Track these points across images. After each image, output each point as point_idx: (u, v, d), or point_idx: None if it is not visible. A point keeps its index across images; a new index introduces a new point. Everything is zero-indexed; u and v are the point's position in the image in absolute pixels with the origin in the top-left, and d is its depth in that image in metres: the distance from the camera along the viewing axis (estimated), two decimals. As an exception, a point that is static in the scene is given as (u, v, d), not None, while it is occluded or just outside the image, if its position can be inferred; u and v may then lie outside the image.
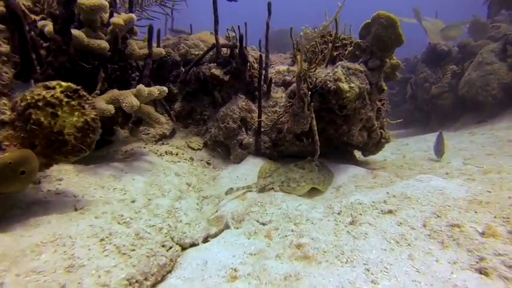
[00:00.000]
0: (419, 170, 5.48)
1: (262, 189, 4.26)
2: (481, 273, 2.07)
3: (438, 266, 2.20)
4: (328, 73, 4.73)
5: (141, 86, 3.74)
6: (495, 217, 2.64)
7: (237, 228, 3.37)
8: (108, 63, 4.22)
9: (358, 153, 6.75)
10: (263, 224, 3.32)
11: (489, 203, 2.91)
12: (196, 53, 6.39)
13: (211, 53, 5.84)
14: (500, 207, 2.79)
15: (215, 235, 3.29)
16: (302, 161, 5.29)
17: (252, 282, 2.27)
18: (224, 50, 5.83)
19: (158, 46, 6.02)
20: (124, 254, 2.46)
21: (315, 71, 4.69)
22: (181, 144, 5.74)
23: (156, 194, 3.62)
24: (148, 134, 5.85)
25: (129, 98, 3.73)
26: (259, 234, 3.10)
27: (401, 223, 2.81)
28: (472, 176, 4.29)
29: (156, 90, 3.93)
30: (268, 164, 5.34)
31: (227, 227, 3.39)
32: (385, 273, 2.17)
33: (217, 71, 5.46)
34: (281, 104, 5.59)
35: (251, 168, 5.26)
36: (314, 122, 4.47)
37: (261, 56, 5.08)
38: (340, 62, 4.93)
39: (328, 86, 4.68)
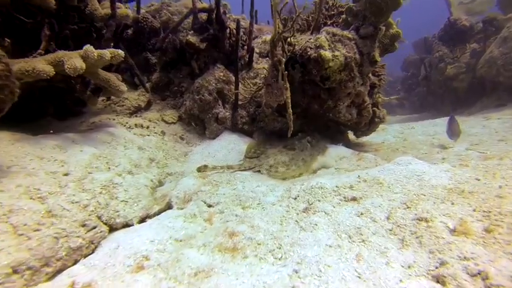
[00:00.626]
0: (414, 154, 4.89)
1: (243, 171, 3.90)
2: (437, 281, 1.60)
3: (387, 270, 1.73)
4: (310, 39, 4.14)
5: (88, 47, 3.30)
6: (474, 210, 2.12)
7: (181, 208, 2.98)
8: (61, 21, 3.78)
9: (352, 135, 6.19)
10: (209, 206, 2.91)
11: (473, 192, 2.37)
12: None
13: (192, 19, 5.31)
14: (484, 198, 2.25)
15: (154, 215, 2.91)
16: (292, 139, 4.82)
17: (157, 275, 1.88)
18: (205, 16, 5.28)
19: (138, 11, 5.53)
20: (21, 234, 2.10)
21: (292, 35, 4.10)
22: (155, 117, 5.34)
23: (100, 168, 3.25)
24: (123, 105, 5.48)
25: (73, 60, 3.31)
26: (199, 218, 2.70)
27: (362, 213, 2.33)
28: (467, 162, 3.69)
29: (108, 53, 3.48)
30: (255, 144, 4.89)
31: (169, 206, 3.01)
32: (315, 277, 1.72)
33: (193, 38, 4.94)
34: (262, 76, 5.05)
35: (224, 145, 4.83)
36: (288, 94, 3.93)
37: (238, 20, 4.51)
38: (325, 27, 4.30)
39: (308, 53, 4.10)
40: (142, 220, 2.86)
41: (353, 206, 2.45)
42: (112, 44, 4.21)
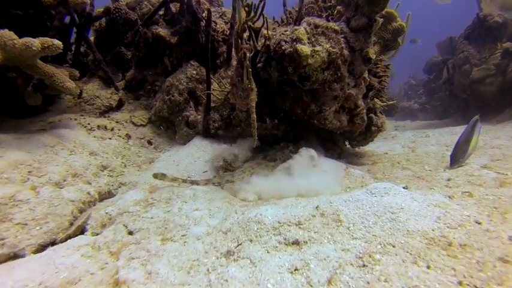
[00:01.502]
0: (415, 170, 4.08)
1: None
2: None
3: None
4: (286, 31, 3.46)
5: (5, 32, 2.80)
6: (460, 284, 1.39)
7: (95, 234, 2.42)
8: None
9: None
10: (129, 233, 2.33)
11: (465, 247, 1.63)
12: (162, 12, 5.33)
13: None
14: (480, 259, 1.51)
15: (61, 241, 2.37)
16: (273, 149, 4.21)
17: None
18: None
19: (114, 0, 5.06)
20: None
21: (263, 26, 3.44)
22: (124, 118, 4.84)
23: (12, 179, 2.74)
24: (93, 104, 5.04)
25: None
26: (104, 251, 2.12)
27: (297, 269, 1.66)
28: (475, 188, 2.88)
29: (39, 42, 2.97)
30: (228, 153, 4.27)
31: (82, 231, 2.45)
32: None
33: (163, 31, 4.40)
34: (241, 75, 4.40)
35: (192, 152, 4.24)
36: (254, 96, 3.28)
37: (208, 10, 3.89)
38: (306, 18, 3.60)
39: (283, 48, 3.42)
40: (44, 247, 2.32)
41: (291, 253, 1.78)
42: (55, 36, 3.71)
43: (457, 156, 3.85)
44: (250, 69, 3.18)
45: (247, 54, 3.20)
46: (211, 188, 3.28)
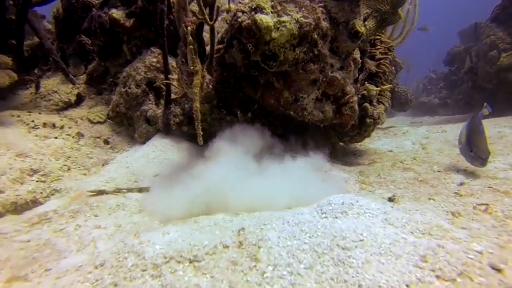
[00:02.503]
0: (419, 171, 3.22)
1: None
2: None
3: None
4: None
5: None
6: None
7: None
8: None
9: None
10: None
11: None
12: (131, -4, 4.72)
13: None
14: None
15: None
16: None
17: None
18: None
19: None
20: None
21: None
22: (80, 115, 4.27)
23: None
24: (50, 100, 4.50)
25: None
26: None
27: None
28: (499, 199, 2.03)
29: None
30: (188, 153, 3.63)
31: None
32: None
33: (118, 14, 3.77)
34: (208, 60, 3.70)
35: (148, 152, 3.60)
36: (198, 79, 2.57)
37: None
38: (272, -18, 2.85)
39: (239, 20, 2.70)
40: None
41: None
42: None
43: (482, 151, 2.80)
44: (194, 47, 2.47)
45: (189, 28, 2.49)
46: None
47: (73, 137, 3.84)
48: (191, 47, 2.46)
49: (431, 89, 16.39)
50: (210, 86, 2.94)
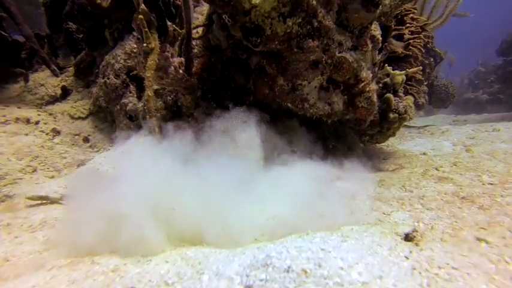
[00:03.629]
0: (461, 183, 2.39)
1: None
2: None
3: None
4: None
5: None
6: None
7: None
8: None
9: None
10: None
11: None
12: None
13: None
14: None
15: None
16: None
17: None
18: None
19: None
20: None
21: None
22: (62, 109, 3.88)
23: None
24: (35, 94, 4.18)
25: None
26: None
27: None
28: None
29: None
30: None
31: None
32: None
33: (95, -9, 3.29)
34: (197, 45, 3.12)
35: (124, 152, 3.07)
36: (153, 59, 1.97)
37: None
38: None
39: (209, -20, 2.05)
40: None
41: None
42: None
43: None
44: (147, 18, 1.88)
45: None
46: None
47: (47, 134, 3.42)
48: (141, 17, 1.86)
49: (479, 84, 14.67)
50: (180, 71, 2.33)
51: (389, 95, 2.78)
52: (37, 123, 3.51)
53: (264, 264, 0.87)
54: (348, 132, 3.42)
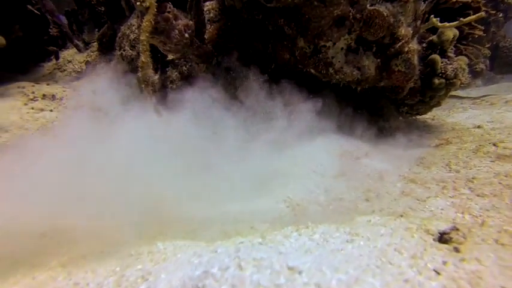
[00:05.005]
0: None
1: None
2: None
3: None
4: None
5: None
6: None
7: None
8: None
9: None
10: None
11: None
12: None
13: None
14: None
15: None
16: None
17: None
18: None
19: None
20: None
21: None
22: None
23: None
24: (64, 71, 4.23)
25: None
26: None
27: None
28: None
29: None
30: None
31: None
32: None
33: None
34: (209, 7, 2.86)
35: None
36: (147, 23, 1.74)
37: None
38: None
39: None
40: None
41: None
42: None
43: None
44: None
45: None
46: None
47: (70, 109, 3.43)
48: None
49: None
50: (186, 35, 2.08)
51: (435, 56, 2.31)
52: (61, 99, 3.54)
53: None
54: (383, 101, 2.99)
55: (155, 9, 1.78)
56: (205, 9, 2.86)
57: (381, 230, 0.89)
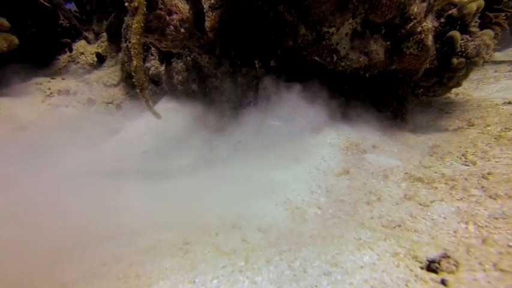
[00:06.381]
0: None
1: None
2: None
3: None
4: None
5: None
6: None
7: None
8: None
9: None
10: None
11: None
12: None
13: None
14: None
15: None
16: None
17: None
18: None
19: None
20: None
21: None
22: (98, 77, 3.93)
23: None
24: (78, 63, 4.30)
25: None
26: None
27: None
28: None
29: None
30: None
31: None
32: None
33: None
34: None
35: (148, 120, 3.04)
36: (136, 25, 1.68)
37: None
38: None
39: None
40: None
41: None
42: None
43: None
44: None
45: None
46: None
47: (83, 104, 3.51)
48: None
49: None
50: (182, 30, 2.01)
51: (454, 33, 2.09)
52: (75, 93, 3.61)
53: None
54: (398, 82, 2.80)
55: (144, 9, 1.71)
56: (206, -5, 2.75)
57: (365, 258, 0.84)
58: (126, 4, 1.71)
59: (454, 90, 3.52)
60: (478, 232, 1.07)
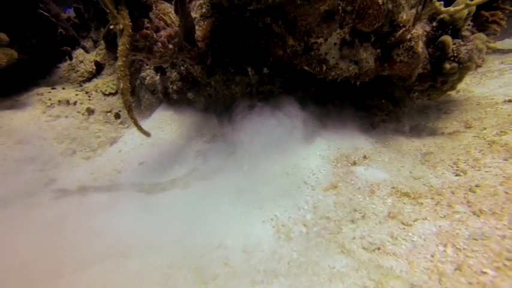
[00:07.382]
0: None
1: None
2: None
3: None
4: None
5: None
6: None
7: None
8: None
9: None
10: None
11: None
12: None
13: None
14: None
15: None
16: None
17: None
18: None
19: None
20: None
21: None
22: (96, 86, 3.98)
23: None
24: (77, 72, 4.34)
25: None
26: None
27: None
28: None
29: None
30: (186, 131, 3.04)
31: None
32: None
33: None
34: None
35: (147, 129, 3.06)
36: (122, 47, 1.70)
37: None
38: None
39: None
40: None
41: None
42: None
43: None
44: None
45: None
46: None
47: (83, 114, 3.57)
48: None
49: None
50: (170, 46, 2.03)
51: (446, 38, 2.05)
52: (75, 103, 3.67)
53: None
54: (393, 85, 2.77)
55: (130, 31, 1.73)
56: (197, 4, 2.74)
57: (333, 293, 0.86)
58: (111, 27, 1.73)
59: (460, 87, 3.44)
60: (455, 255, 1.08)
